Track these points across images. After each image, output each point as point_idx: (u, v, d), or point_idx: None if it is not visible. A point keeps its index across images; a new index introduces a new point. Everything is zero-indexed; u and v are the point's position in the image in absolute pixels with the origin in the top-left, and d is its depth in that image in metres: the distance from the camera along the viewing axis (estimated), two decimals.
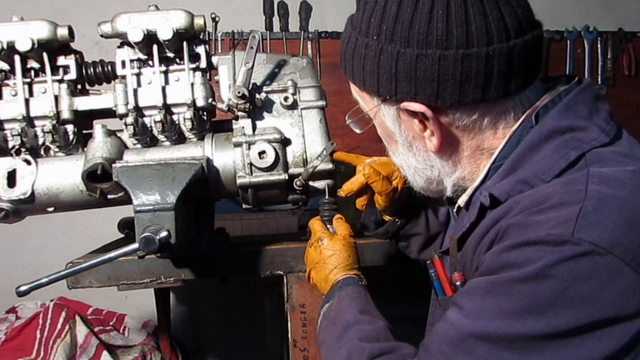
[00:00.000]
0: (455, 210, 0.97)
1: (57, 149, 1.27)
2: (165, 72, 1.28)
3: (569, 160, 0.75)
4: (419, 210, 1.22)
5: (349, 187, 1.17)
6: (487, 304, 0.70)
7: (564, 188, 0.71)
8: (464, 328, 0.71)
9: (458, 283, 0.88)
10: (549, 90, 0.85)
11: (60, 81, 1.28)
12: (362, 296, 0.99)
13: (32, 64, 1.26)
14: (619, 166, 0.73)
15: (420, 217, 1.21)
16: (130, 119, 1.23)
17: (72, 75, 1.28)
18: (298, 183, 1.23)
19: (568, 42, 2.70)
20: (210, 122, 1.33)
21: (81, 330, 2.10)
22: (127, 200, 1.18)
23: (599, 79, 2.71)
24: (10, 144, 1.24)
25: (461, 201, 0.92)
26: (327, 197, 1.21)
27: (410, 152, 0.89)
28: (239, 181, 1.23)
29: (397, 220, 1.21)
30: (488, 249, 0.77)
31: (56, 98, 1.26)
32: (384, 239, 1.25)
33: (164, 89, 1.27)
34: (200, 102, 1.27)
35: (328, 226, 1.16)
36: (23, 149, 1.23)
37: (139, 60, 1.28)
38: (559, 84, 0.86)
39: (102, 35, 1.25)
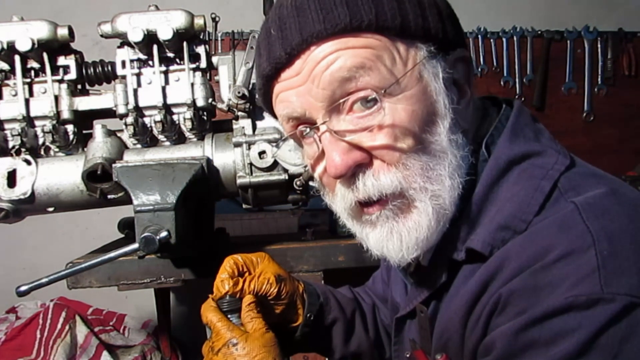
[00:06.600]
0: (413, 269, 0.80)
1: (57, 149, 1.27)
2: (165, 72, 1.28)
3: (545, 192, 0.64)
4: (322, 292, 0.96)
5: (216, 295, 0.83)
6: None
7: (562, 232, 0.59)
8: None
9: None
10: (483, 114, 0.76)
11: (60, 81, 1.28)
12: None
13: (32, 64, 1.26)
14: (593, 189, 0.63)
15: (328, 297, 0.96)
16: (130, 119, 1.23)
17: (72, 75, 1.29)
18: (298, 183, 1.23)
19: (568, 42, 2.70)
20: (210, 122, 1.33)
21: (81, 330, 2.09)
22: (127, 200, 1.18)
23: (599, 79, 2.70)
24: (11, 144, 1.24)
25: (424, 259, 0.75)
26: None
27: (458, 129, 0.68)
28: (239, 181, 1.23)
29: (308, 314, 0.92)
30: (486, 323, 0.63)
31: (56, 98, 1.26)
32: (307, 352, 0.93)
33: (164, 89, 1.27)
34: (200, 102, 1.27)
35: (229, 316, 0.79)
36: (23, 149, 1.24)
37: (139, 60, 1.28)
38: (488, 108, 0.77)
39: (102, 35, 1.25)
